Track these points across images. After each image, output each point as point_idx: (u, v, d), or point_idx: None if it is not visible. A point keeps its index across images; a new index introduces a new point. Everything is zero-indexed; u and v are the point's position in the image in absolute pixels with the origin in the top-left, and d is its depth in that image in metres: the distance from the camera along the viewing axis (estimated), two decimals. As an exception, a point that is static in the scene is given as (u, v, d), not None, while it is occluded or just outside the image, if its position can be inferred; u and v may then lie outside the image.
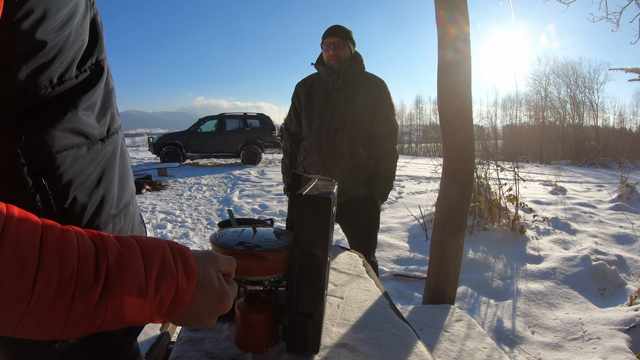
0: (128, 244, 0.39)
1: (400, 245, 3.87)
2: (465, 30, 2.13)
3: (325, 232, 0.67)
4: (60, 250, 0.34)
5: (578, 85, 20.98)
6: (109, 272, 0.36)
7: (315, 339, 0.72)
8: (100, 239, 0.38)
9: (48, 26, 0.41)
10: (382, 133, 1.97)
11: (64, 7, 0.43)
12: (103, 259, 0.37)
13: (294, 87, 2.14)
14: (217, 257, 0.47)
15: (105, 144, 0.52)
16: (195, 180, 8.18)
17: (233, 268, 0.50)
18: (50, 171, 0.45)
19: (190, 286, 0.42)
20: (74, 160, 0.47)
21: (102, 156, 0.51)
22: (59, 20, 0.42)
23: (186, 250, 0.43)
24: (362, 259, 1.34)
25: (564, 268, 3.19)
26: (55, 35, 0.42)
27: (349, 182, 1.94)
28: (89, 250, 0.36)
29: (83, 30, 0.48)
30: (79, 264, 0.35)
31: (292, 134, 2.13)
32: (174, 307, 0.41)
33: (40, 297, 0.32)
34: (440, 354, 1.62)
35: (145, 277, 0.39)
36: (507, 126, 23.90)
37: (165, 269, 0.40)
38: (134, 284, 0.38)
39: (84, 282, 0.35)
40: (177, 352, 0.75)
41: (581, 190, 7.32)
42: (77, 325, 0.35)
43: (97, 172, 0.51)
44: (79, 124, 0.47)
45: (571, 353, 2.18)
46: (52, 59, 0.43)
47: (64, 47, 0.44)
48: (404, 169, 9.43)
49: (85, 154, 0.48)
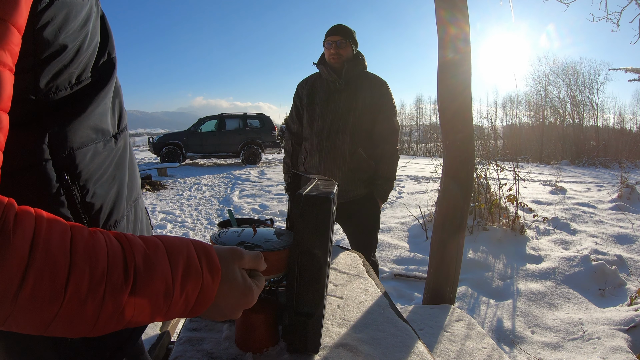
0: (154, 245, 0.40)
1: (400, 245, 3.87)
2: (465, 30, 2.13)
3: (325, 232, 0.67)
4: (90, 252, 0.35)
5: (578, 85, 21.01)
6: (137, 273, 0.37)
7: (315, 339, 0.72)
8: (126, 240, 0.39)
9: (69, 30, 0.43)
10: (383, 134, 1.97)
11: (82, 10, 0.45)
12: (131, 260, 0.38)
13: (296, 87, 2.14)
14: (242, 253, 0.48)
15: (117, 139, 0.54)
16: (195, 180, 8.18)
17: (260, 263, 0.50)
18: (72, 167, 0.46)
19: (215, 283, 0.43)
20: (93, 156, 0.49)
21: (116, 151, 0.53)
22: (78, 24, 0.44)
23: (210, 248, 0.44)
24: (362, 259, 1.34)
25: (564, 268, 3.19)
26: (74, 38, 0.44)
27: (350, 183, 1.95)
28: (117, 252, 0.37)
29: (97, 31, 0.50)
30: (109, 266, 0.36)
31: (293, 133, 2.13)
32: (199, 304, 0.42)
33: (72, 298, 0.34)
34: (440, 354, 1.62)
35: (172, 276, 0.39)
36: (507, 126, 23.91)
37: (190, 268, 0.41)
38: (161, 283, 0.39)
39: (114, 282, 0.36)
40: (177, 352, 0.75)
41: (581, 190, 7.32)
42: (106, 324, 0.36)
43: (112, 167, 0.52)
44: (96, 120, 0.49)
45: (571, 353, 2.18)
46: (71, 60, 0.45)
47: (81, 48, 0.46)
48: (404, 169, 9.43)
49: (102, 149, 0.50)
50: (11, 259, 0.31)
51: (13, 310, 0.32)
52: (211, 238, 0.71)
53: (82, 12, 0.45)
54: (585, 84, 20.90)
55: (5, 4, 0.34)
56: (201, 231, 4.43)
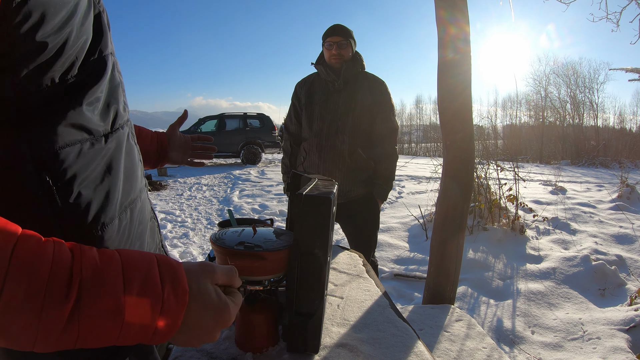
0: (108, 258, 0.38)
1: (400, 245, 3.87)
2: (465, 30, 2.13)
3: (325, 232, 0.67)
4: (32, 260, 0.33)
5: (578, 85, 21.01)
6: (82, 288, 0.35)
7: (315, 339, 0.72)
8: (79, 251, 0.37)
9: (47, 28, 0.41)
10: (382, 133, 1.97)
11: (63, 8, 0.43)
12: (77, 273, 0.35)
13: (294, 87, 2.14)
14: (214, 268, 0.45)
15: (109, 139, 0.52)
16: (195, 180, 8.18)
17: (234, 278, 0.47)
18: (53, 167, 0.45)
19: (180, 305, 0.40)
20: (77, 156, 0.47)
21: (106, 151, 0.51)
22: (58, 21, 0.42)
23: (178, 267, 0.41)
24: (362, 259, 1.34)
25: (564, 268, 3.19)
26: (56, 36, 0.43)
27: (349, 183, 1.95)
28: (64, 262, 0.35)
29: (85, 29, 0.47)
30: (50, 277, 0.34)
31: (292, 134, 2.13)
32: (163, 329, 0.39)
33: (7, 308, 0.32)
34: (440, 354, 1.62)
35: (124, 295, 0.37)
36: (507, 126, 23.91)
37: (147, 287, 0.38)
38: (109, 302, 0.36)
39: (54, 296, 0.34)
40: (177, 352, 0.75)
41: (581, 190, 7.32)
42: (47, 340, 0.34)
43: (101, 167, 0.50)
44: (82, 120, 0.47)
45: (571, 353, 2.18)
46: (53, 59, 0.43)
47: (66, 46, 0.44)
48: (404, 169, 9.43)
49: (89, 149, 0.48)
50: None
51: None
52: (211, 238, 0.71)
53: (62, 10, 0.43)
54: (585, 84, 20.91)
55: None
56: (201, 231, 4.43)
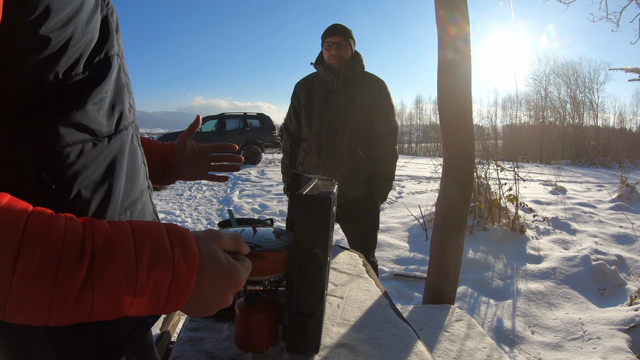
0: (118, 226, 0.38)
1: (400, 245, 3.87)
2: (465, 30, 2.13)
3: (325, 232, 0.67)
4: (45, 229, 0.34)
5: (578, 85, 21.02)
6: (95, 254, 0.35)
7: (315, 339, 0.72)
8: (90, 222, 0.37)
9: (51, 23, 0.41)
10: (382, 133, 1.96)
11: (68, 5, 0.43)
12: (89, 239, 0.36)
13: (293, 87, 2.13)
14: (220, 234, 0.46)
15: (112, 140, 0.52)
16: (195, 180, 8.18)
17: (240, 244, 0.48)
18: (54, 166, 0.45)
19: (191, 270, 0.40)
20: (78, 156, 0.47)
21: (108, 152, 0.51)
22: (63, 17, 0.42)
23: (186, 233, 0.42)
24: (362, 259, 1.34)
25: (564, 268, 3.19)
26: (60, 32, 0.42)
27: (349, 183, 1.94)
28: (76, 231, 0.36)
29: (91, 28, 0.47)
30: (64, 243, 0.34)
31: (291, 134, 2.13)
32: (175, 295, 0.39)
33: (22, 276, 0.32)
34: (440, 354, 1.62)
35: (136, 260, 0.37)
36: (507, 126, 23.91)
37: (159, 252, 0.38)
38: (122, 267, 0.36)
39: (68, 261, 0.34)
40: (177, 352, 0.75)
41: (581, 190, 7.32)
42: (61, 310, 0.34)
43: (102, 168, 0.50)
44: (85, 120, 0.47)
45: (571, 353, 2.18)
46: (57, 55, 0.43)
47: (70, 43, 0.44)
48: (404, 169, 9.43)
49: (91, 149, 0.48)
50: None
51: None
52: (211, 238, 0.71)
53: (67, 7, 0.43)
54: (585, 84, 20.92)
55: None
56: (201, 231, 4.43)
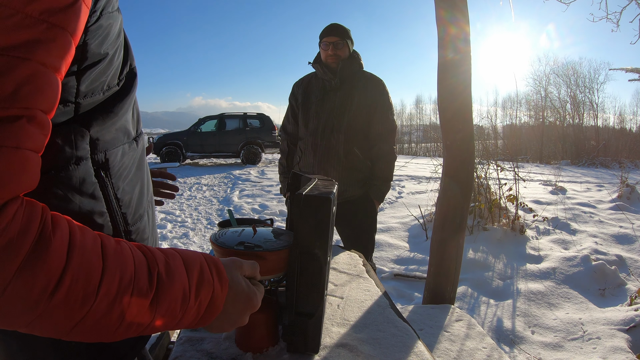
0: (172, 254, 0.45)
1: (400, 245, 3.87)
2: (465, 30, 2.13)
3: (325, 232, 0.67)
4: (119, 257, 0.39)
5: (578, 85, 21.01)
6: (160, 279, 0.41)
7: (315, 339, 0.72)
8: (147, 250, 0.43)
9: (109, 41, 0.47)
10: (380, 133, 1.94)
11: (117, 23, 0.49)
12: (154, 267, 0.41)
13: (292, 87, 2.13)
14: (242, 263, 0.53)
15: (137, 142, 0.59)
16: (195, 180, 8.18)
17: (256, 271, 0.55)
18: (106, 165, 0.51)
19: (224, 292, 0.47)
20: (122, 156, 0.53)
21: (136, 153, 0.58)
22: (115, 34, 0.48)
23: (218, 261, 0.49)
24: (362, 259, 1.34)
25: (564, 268, 3.19)
26: (112, 47, 0.48)
27: (345, 183, 1.92)
28: (142, 259, 0.41)
29: (121, 42, 0.53)
30: (136, 271, 0.39)
31: (289, 134, 2.11)
32: (209, 312, 0.46)
33: (102, 301, 0.36)
34: (440, 354, 1.62)
35: (189, 284, 0.43)
36: (507, 126, 23.89)
37: (203, 278, 0.45)
38: (180, 290, 0.42)
39: (140, 287, 0.39)
40: (177, 352, 0.75)
41: (581, 190, 7.32)
42: (127, 329, 0.39)
43: (135, 166, 0.57)
44: (124, 123, 0.54)
45: (571, 353, 2.18)
46: (107, 67, 0.49)
47: (114, 58, 0.50)
48: (404, 169, 9.43)
49: (127, 150, 0.55)
50: (51, 260, 0.33)
51: (44, 310, 0.33)
52: (211, 238, 0.71)
53: (117, 25, 0.49)
54: (585, 84, 20.91)
55: (70, 17, 0.36)
56: (201, 231, 4.42)
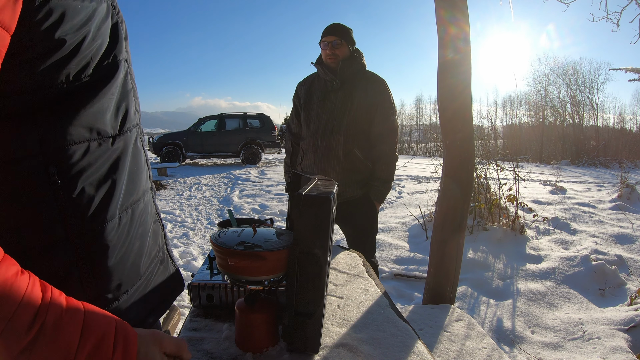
0: (74, 310, 0.40)
1: (400, 245, 3.87)
2: (465, 30, 2.13)
3: (325, 232, 0.67)
4: (7, 288, 0.35)
5: (578, 85, 20.99)
6: (42, 330, 0.37)
7: (315, 339, 0.72)
8: (50, 295, 0.39)
9: (66, 27, 0.45)
10: (381, 133, 1.94)
11: (82, 11, 0.47)
12: (43, 314, 0.37)
13: (295, 87, 2.14)
14: (163, 338, 0.48)
15: (116, 141, 0.54)
16: (195, 180, 8.18)
17: (183, 349, 0.51)
18: (60, 162, 0.47)
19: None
20: (83, 154, 0.49)
21: (112, 152, 0.54)
22: (77, 22, 0.46)
23: (132, 335, 0.44)
24: (362, 259, 1.34)
25: (564, 268, 3.19)
26: (73, 36, 0.46)
27: (345, 183, 1.92)
28: (33, 301, 0.37)
29: (102, 33, 0.51)
30: (19, 307, 0.36)
31: (293, 133, 2.14)
32: None
33: None
34: (440, 353, 1.62)
35: (76, 351, 0.39)
36: (507, 126, 23.88)
37: (99, 349, 0.40)
38: (61, 351, 0.38)
39: (17, 326, 0.35)
40: (177, 352, 0.75)
41: (581, 190, 7.32)
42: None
43: (106, 167, 0.53)
44: (91, 119, 0.50)
45: (571, 353, 2.18)
46: (69, 56, 0.46)
47: (82, 46, 0.47)
48: (404, 169, 9.44)
49: (96, 149, 0.51)
50: None
51: None
52: (211, 238, 0.71)
53: (80, 13, 0.46)
54: (585, 84, 20.89)
55: None
56: (201, 231, 4.43)
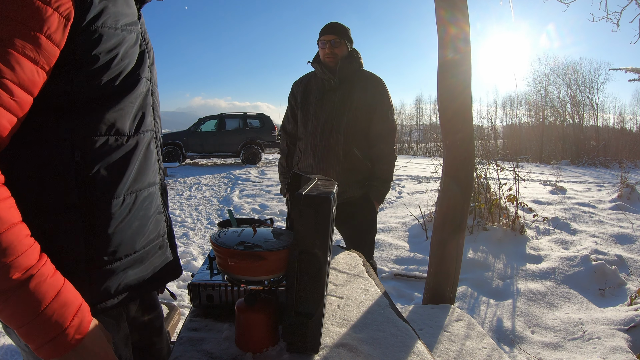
0: (57, 278, 0.56)
1: (400, 245, 3.87)
2: (465, 30, 2.13)
3: (325, 232, 0.67)
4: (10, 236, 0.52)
5: (578, 85, 20.97)
6: (28, 281, 0.52)
7: (315, 339, 0.72)
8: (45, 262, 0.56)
9: (101, 48, 0.63)
10: (380, 133, 1.93)
11: (114, 37, 0.65)
12: (34, 270, 0.54)
13: (291, 86, 2.11)
14: (108, 351, 0.61)
15: (130, 139, 0.70)
16: (195, 180, 8.17)
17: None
18: (84, 148, 0.64)
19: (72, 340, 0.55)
20: (102, 145, 0.66)
21: (126, 147, 0.69)
22: (109, 45, 0.64)
23: (88, 318, 0.59)
24: (362, 259, 1.34)
25: (564, 268, 3.19)
26: (105, 55, 0.64)
27: (344, 183, 1.91)
28: (31, 258, 0.54)
29: (129, 55, 0.69)
30: (21, 256, 0.52)
31: (289, 134, 2.11)
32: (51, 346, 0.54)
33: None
34: (440, 353, 1.62)
35: (46, 306, 0.53)
36: (507, 126, 23.87)
37: (62, 314, 0.54)
38: (35, 302, 0.53)
39: (9, 271, 0.51)
40: (177, 352, 0.75)
41: (581, 190, 7.32)
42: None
43: (119, 157, 0.68)
44: (113, 119, 0.67)
45: (571, 353, 2.18)
46: (101, 70, 0.64)
47: (112, 63, 0.65)
48: (404, 169, 9.44)
49: (113, 143, 0.67)
50: None
51: None
52: (211, 238, 0.71)
53: (112, 39, 0.64)
54: (585, 84, 20.88)
55: (44, 22, 0.55)
56: (201, 231, 4.43)
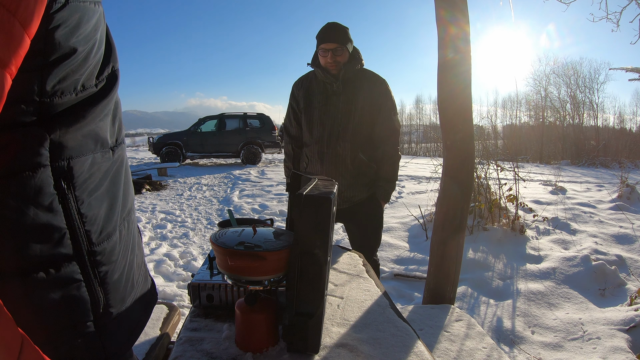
0: None
1: (400, 245, 3.87)
2: (465, 30, 2.13)
3: (326, 232, 0.67)
4: None
5: (578, 85, 20.97)
6: None
7: (315, 339, 0.72)
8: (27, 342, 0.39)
9: (80, 35, 0.44)
10: (384, 134, 1.94)
11: (93, 16, 0.45)
12: None
13: (291, 87, 2.08)
14: None
15: (115, 152, 0.54)
16: (195, 180, 8.18)
17: None
18: (69, 174, 0.45)
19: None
20: (90, 166, 0.48)
21: (112, 164, 0.53)
22: (89, 29, 0.45)
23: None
24: (362, 259, 1.34)
25: (564, 268, 3.19)
26: (85, 43, 0.45)
27: (353, 189, 1.93)
28: None
29: (103, 41, 0.50)
30: None
31: (293, 137, 2.09)
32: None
33: None
34: (440, 353, 1.62)
35: None
36: (507, 126, 23.89)
37: None
38: None
39: None
40: (177, 352, 0.75)
41: (581, 190, 7.32)
42: None
43: (108, 179, 0.52)
44: (97, 130, 0.49)
45: (571, 353, 2.18)
46: (78, 66, 0.45)
47: (90, 55, 0.46)
48: (404, 169, 9.44)
49: (100, 160, 0.50)
50: None
51: None
52: (211, 238, 0.71)
53: (93, 18, 0.45)
54: (585, 84, 20.87)
55: (20, 4, 0.34)
56: (201, 231, 4.43)
